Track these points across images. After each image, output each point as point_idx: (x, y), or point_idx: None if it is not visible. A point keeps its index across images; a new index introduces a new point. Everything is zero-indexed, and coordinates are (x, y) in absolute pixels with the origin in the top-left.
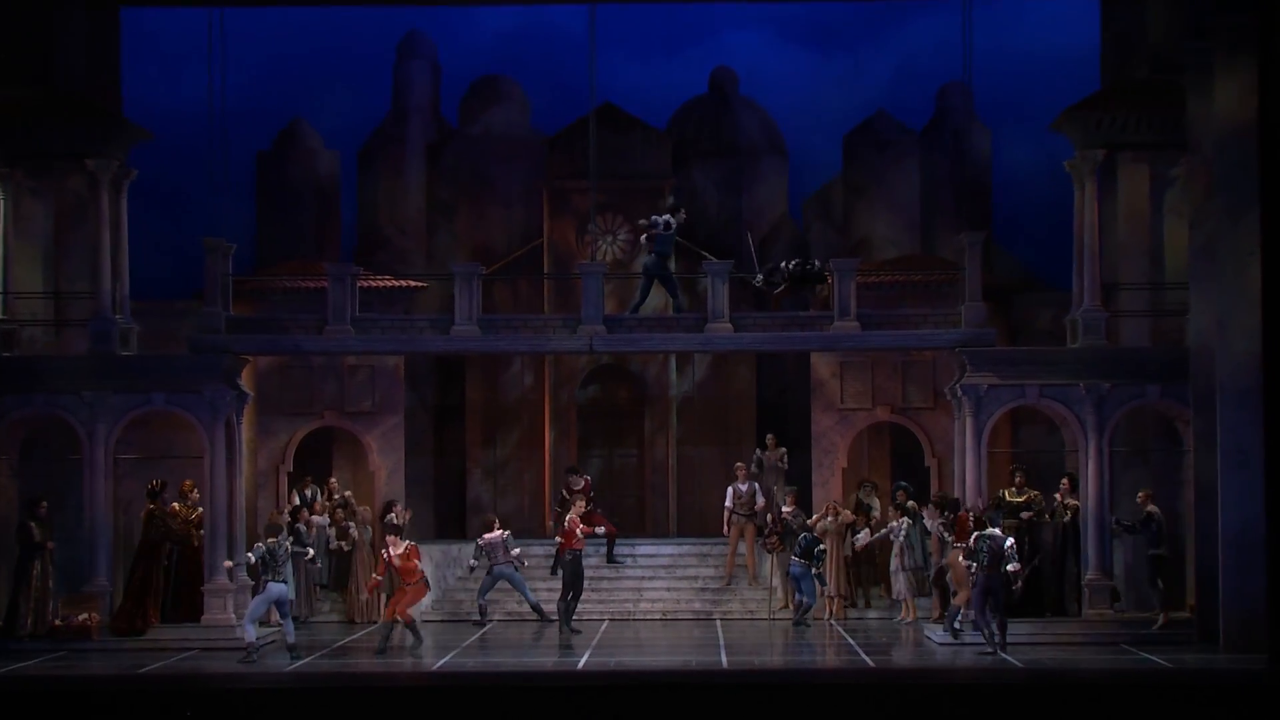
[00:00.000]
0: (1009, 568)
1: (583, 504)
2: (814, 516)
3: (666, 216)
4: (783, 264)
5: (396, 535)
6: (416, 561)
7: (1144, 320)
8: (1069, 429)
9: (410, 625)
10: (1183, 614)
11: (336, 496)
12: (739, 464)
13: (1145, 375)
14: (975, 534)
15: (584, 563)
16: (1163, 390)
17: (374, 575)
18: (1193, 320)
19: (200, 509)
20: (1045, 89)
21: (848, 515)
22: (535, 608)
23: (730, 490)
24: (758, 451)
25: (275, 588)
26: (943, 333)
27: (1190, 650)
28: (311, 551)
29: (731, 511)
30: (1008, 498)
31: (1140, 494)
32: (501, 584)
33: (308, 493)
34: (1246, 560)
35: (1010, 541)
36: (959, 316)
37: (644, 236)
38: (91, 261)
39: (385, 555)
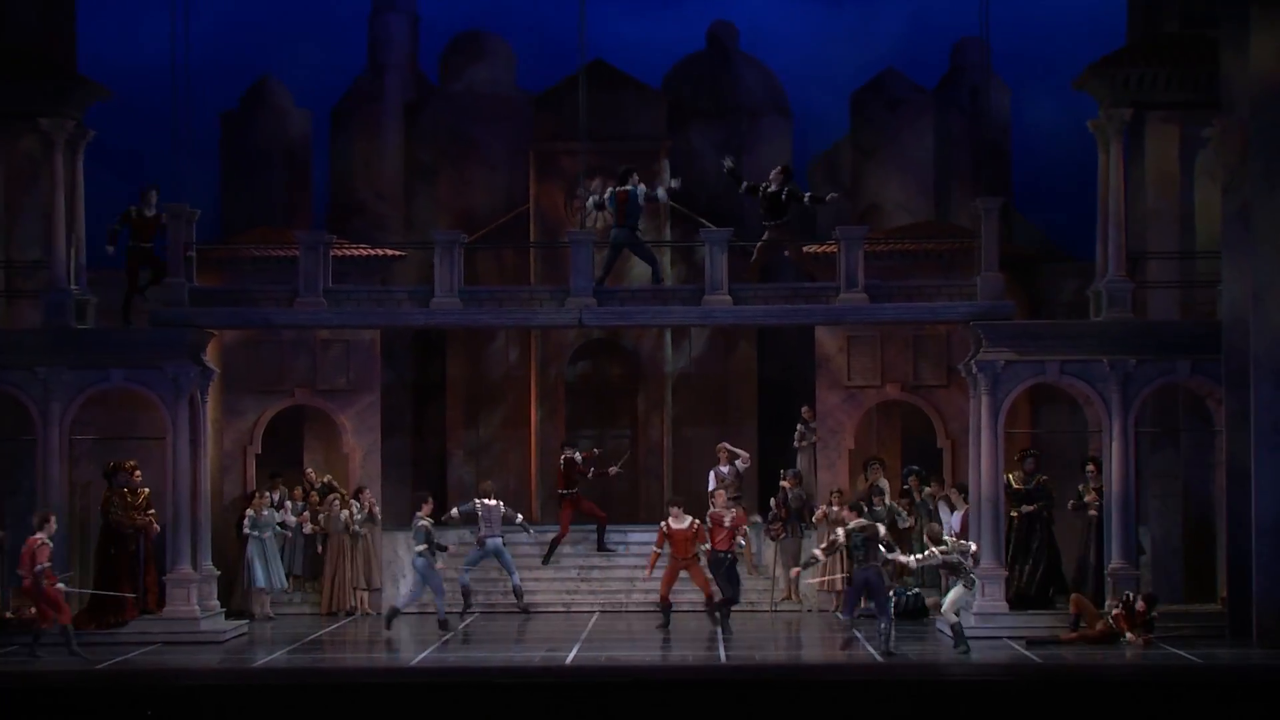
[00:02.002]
0: (890, 557)
1: (723, 495)
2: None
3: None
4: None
5: (679, 508)
6: (700, 542)
7: (1173, 291)
8: (1092, 408)
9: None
10: (1213, 606)
11: (319, 484)
12: (720, 445)
13: (1174, 350)
14: (845, 527)
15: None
16: (1193, 366)
17: (654, 549)
18: (1225, 291)
19: (145, 489)
20: (1068, 43)
21: (850, 515)
22: (517, 592)
23: (712, 474)
24: (800, 427)
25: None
26: (957, 305)
27: (1222, 645)
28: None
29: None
30: (1013, 484)
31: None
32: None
33: (276, 495)
34: None
35: (884, 530)
36: (974, 288)
37: (597, 199)
38: (45, 228)
39: (664, 527)
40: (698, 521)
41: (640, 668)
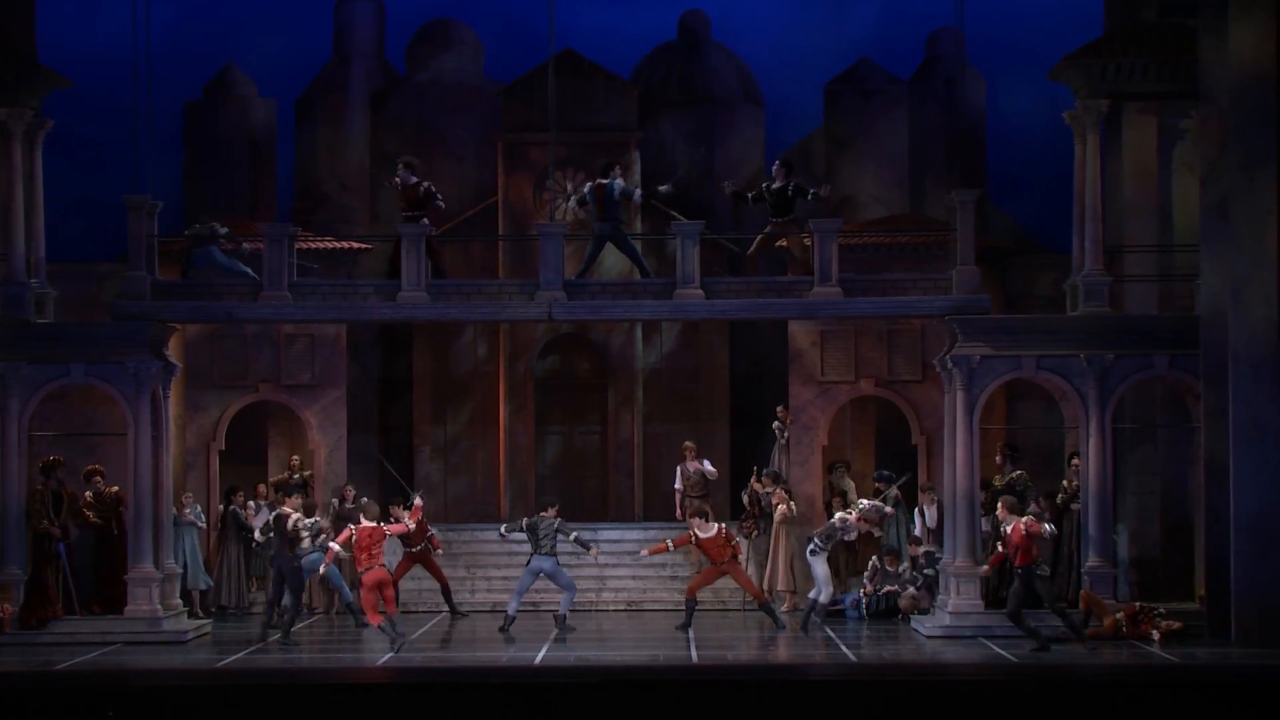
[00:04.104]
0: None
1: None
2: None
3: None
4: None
5: (703, 519)
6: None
7: (1151, 285)
8: (1069, 404)
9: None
10: (1192, 604)
11: (297, 477)
12: (687, 443)
13: (1152, 345)
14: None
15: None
16: (1171, 361)
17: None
18: (1204, 285)
19: (116, 487)
20: (1044, 33)
21: (787, 510)
22: (350, 608)
23: (679, 470)
24: (776, 424)
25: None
26: (932, 299)
27: (1200, 644)
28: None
29: (683, 494)
30: (996, 484)
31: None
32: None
33: (257, 512)
34: (1261, 545)
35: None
36: (950, 281)
37: (579, 196)
38: (3, 221)
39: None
40: (724, 526)
41: (610, 667)
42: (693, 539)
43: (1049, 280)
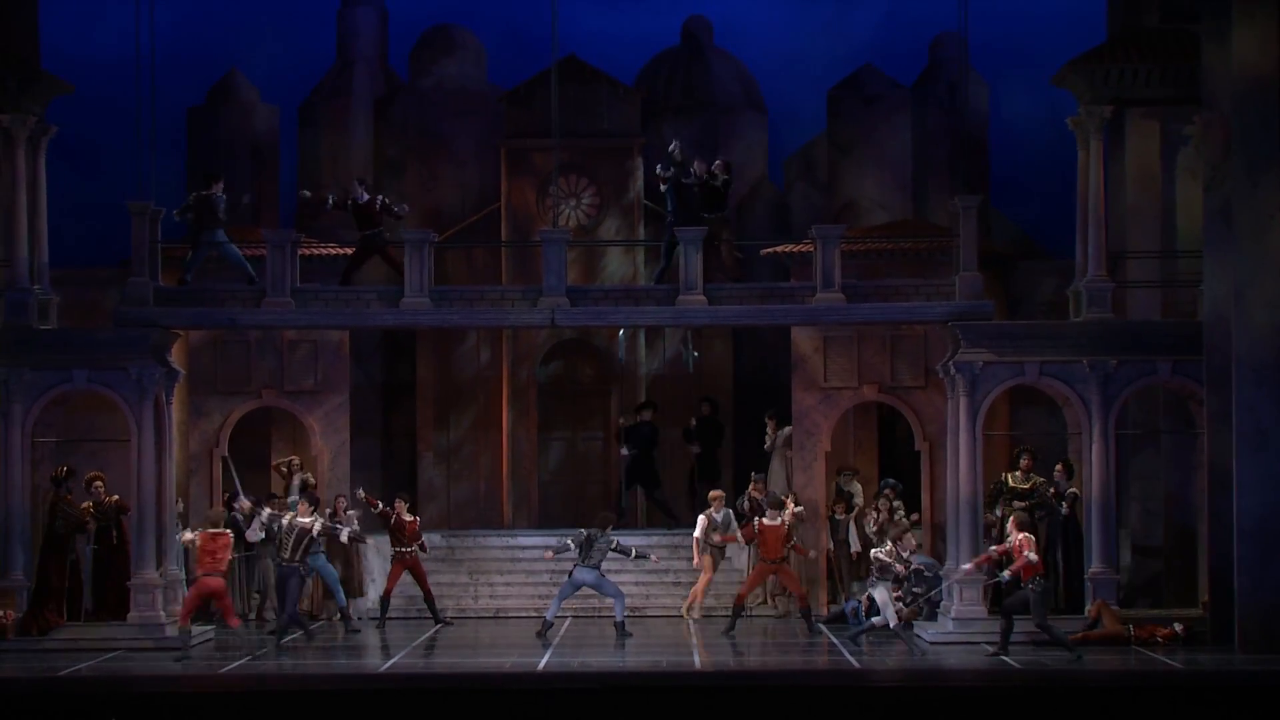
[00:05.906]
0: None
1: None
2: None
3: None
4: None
5: (777, 509)
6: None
7: (1154, 291)
8: (1072, 410)
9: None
10: (1195, 610)
11: (298, 479)
12: (715, 492)
13: (1155, 350)
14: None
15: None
16: (1174, 367)
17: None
18: (1207, 290)
19: (116, 496)
20: (1048, 38)
21: (798, 511)
22: (344, 612)
23: (702, 519)
24: (769, 427)
25: None
26: (935, 305)
27: (1203, 650)
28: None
29: (701, 542)
30: (1010, 483)
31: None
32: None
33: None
34: (1265, 551)
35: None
36: (952, 287)
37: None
38: (6, 226)
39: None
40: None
41: (613, 673)
42: (755, 527)
43: (1052, 286)
